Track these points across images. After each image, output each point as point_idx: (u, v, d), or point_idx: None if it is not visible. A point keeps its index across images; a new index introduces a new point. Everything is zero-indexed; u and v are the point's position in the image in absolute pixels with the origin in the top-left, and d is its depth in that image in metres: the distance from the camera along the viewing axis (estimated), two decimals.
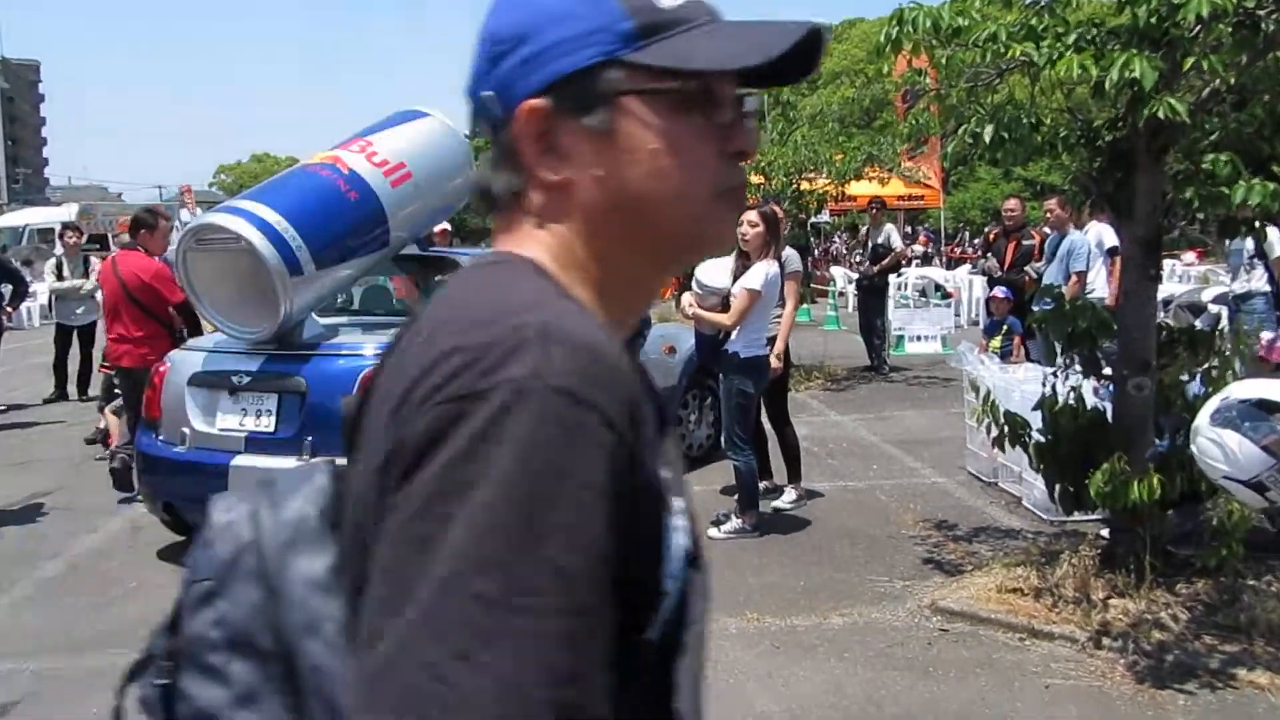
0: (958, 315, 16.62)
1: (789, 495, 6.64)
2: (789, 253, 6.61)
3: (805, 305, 15.54)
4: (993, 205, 35.63)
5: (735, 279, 6.01)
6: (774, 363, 6.22)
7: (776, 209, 6.45)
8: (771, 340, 6.28)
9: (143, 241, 7.30)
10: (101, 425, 8.41)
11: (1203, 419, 3.96)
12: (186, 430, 5.51)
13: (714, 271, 6.14)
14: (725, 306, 6.05)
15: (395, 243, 5.94)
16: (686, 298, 6.24)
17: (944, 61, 4.78)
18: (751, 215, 6.09)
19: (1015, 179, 37.24)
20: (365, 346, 5.35)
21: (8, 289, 9.77)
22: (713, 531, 6.04)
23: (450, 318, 0.82)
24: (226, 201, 5.72)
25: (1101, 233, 9.26)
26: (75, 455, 8.51)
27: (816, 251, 28.93)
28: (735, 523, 6.04)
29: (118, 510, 6.76)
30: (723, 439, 6.13)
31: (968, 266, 21.48)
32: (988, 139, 4.45)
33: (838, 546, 5.87)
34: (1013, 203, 10.70)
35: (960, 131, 4.66)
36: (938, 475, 7.44)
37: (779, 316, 6.37)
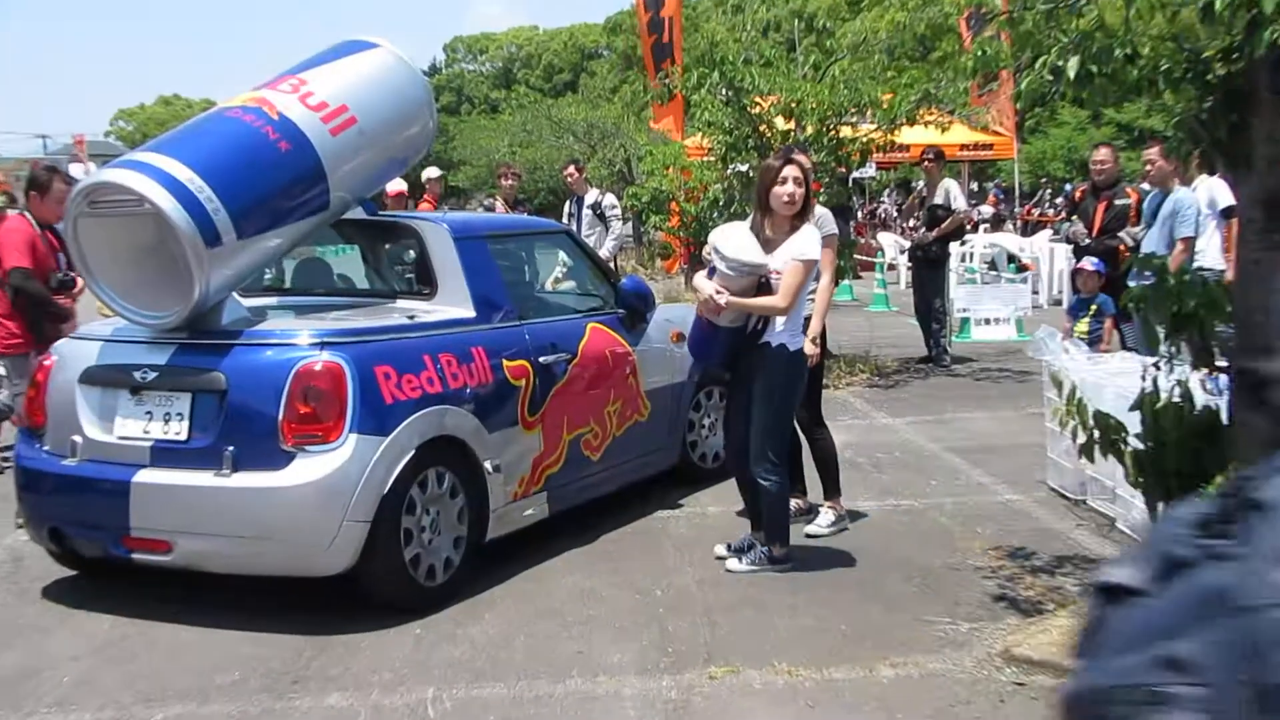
0: (1036, 293, 16.64)
1: (825, 517, 6.65)
2: (821, 212, 6.45)
3: (846, 280, 15.53)
4: (1078, 156, 35.61)
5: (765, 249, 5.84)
6: (809, 349, 6.03)
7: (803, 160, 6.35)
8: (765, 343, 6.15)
9: (32, 207, 7.30)
10: None
11: None
12: (77, 439, 5.51)
13: (741, 241, 5.76)
14: (758, 289, 5.75)
15: (336, 205, 5.94)
16: (700, 278, 5.88)
17: None
18: (795, 171, 5.80)
19: (1106, 123, 37.20)
20: (300, 334, 5.33)
21: None
22: (733, 564, 6.03)
23: None
24: (127, 154, 5.71)
25: (1213, 189, 9.24)
26: None
27: (860, 214, 29.00)
28: (760, 553, 6.03)
29: None
30: (751, 454, 5.90)
31: (1048, 232, 21.50)
32: (1071, 74, 4.43)
33: (888, 581, 5.87)
34: (1103, 153, 10.68)
35: (1038, 65, 4.64)
36: (1012, 492, 7.44)
37: (813, 293, 6.27)
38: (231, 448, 5.16)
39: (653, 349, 7.14)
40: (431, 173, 14.03)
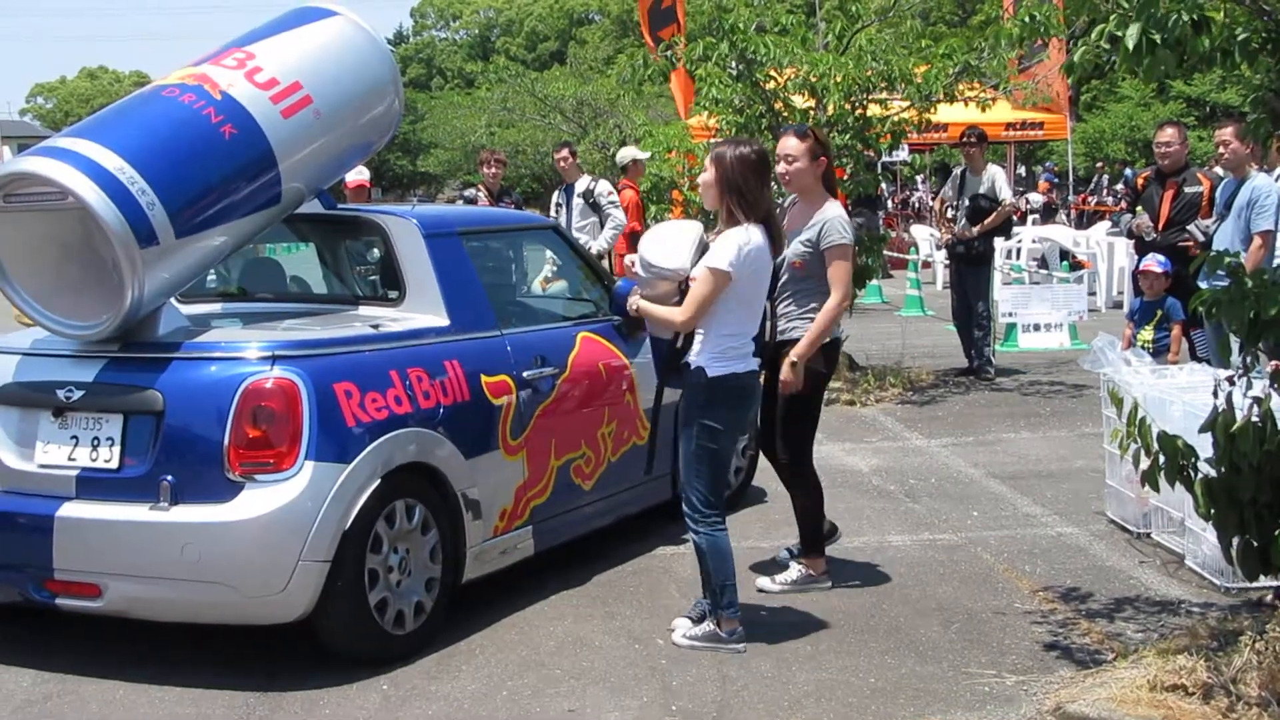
0: (1092, 295, 16.66)
1: (790, 573, 6.43)
2: (829, 212, 6.25)
3: (875, 281, 15.56)
4: (1141, 136, 35.66)
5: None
6: (786, 374, 5.99)
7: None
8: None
9: None
10: None
11: None
12: None
13: (666, 239, 5.74)
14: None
15: (289, 197, 5.96)
16: (632, 259, 5.88)
17: None
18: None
19: (1174, 97, 37.28)
20: (248, 347, 5.35)
21: None
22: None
23: None
24: (47, 140, 5.73)
25: None
26: None
27: (890, 204, 29.04)
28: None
29: None
30: (683, 503, 5.72)
31: (1106, 224, 21.53)
32: (1131, 44, 4.44)
33: (923, 627, 5.88)
34: (1169, 133, 10.67)
35: (1094, 34, 4.66)
36: (1064, 524, 7.47)
37: (814, 309, 6.19)
38: (170, 477, 5.16)
39: (651, 359, 7.14)
40: (633, 153, 13.90)
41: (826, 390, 11.08)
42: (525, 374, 6.22)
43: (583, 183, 13.11)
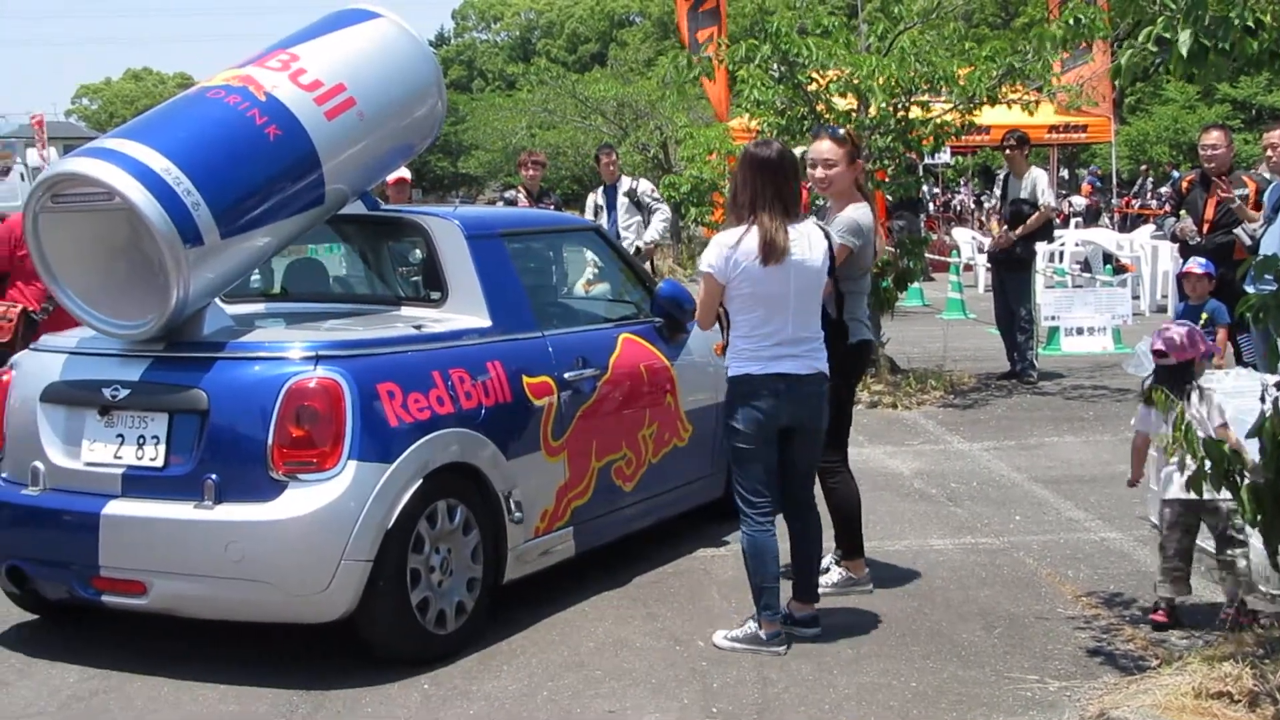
0: (1136, 298, 16.55)
1: (832, 575, 6.39)
2: (844, 213, 6.17)
3: (917, 284, 15.53)
4: (1186, 138, 35.41)
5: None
6: None
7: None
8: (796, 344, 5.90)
9: None
10: None
11: None
12: (39, 465, 5.57)
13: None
14: None
15: (333, 198, 5.99)
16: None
17: None
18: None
19: (1219, 100, 37.04)
20: (291, 347, 5.38)
21: None
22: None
23: None
24: (95, 141, 5.78)
25: None
26: None
27: (931, 207, 28.95)
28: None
29: None
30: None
31: (1150, 228, 21.39)
32: (1184, 49, 4.41)
33: (964, 631, 5.86)
34: (1215, 135, 10.60)
35: (1142, 37, 4.64)
36: (1108, 529, 7.43)
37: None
38: (214, 476, 5.21)
39: (694, 363, 7.16)
40: None
41: (868, 393, 11.11)
42: (567, 375, 6.23)
43: (625, 183, 13.15)
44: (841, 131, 6.34)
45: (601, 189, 13.39)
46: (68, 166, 5.51)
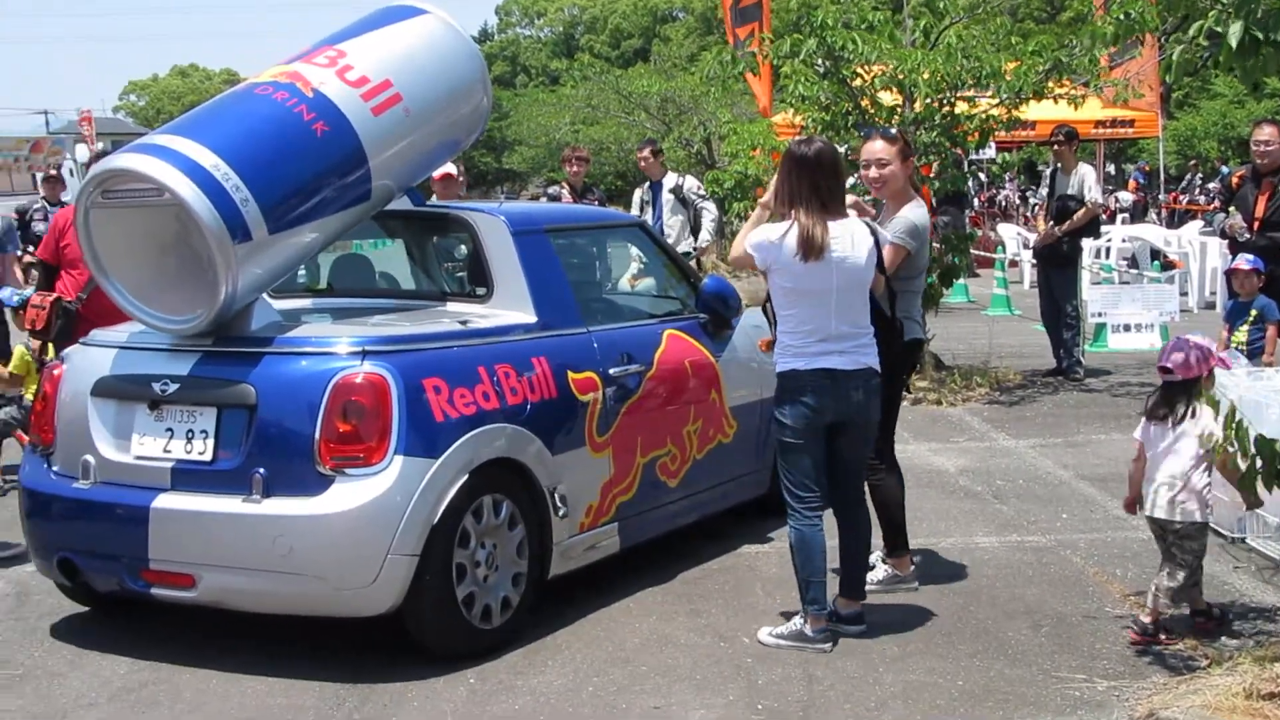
0: (1184, 295, 16.42)
1: (878, 572, 6.38)
2: (902, 213, 6.20)
3: (961, 280, 15.46)
4: (1235, 134, 35.08)
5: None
6: None
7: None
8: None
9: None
10: None
11: None
12: (89, 459, 5.62)
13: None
14: None
15: (379, 194, 6.01)
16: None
17: None
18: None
19: (1270, 95, 36.60)
20: (338, 342, 5.41)
21: None
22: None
23: None
24: (144, 137, 5.82)
25: None
26: None
27: (977, 202, 28.81)
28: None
29: None
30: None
31: (1198, 224, 21.23)
32: (1234, 42, 4.39)
33: (1011, 630, 5.83)
34: (1267, 131, 10.47)
35: (1192, 31, 4.60)
36: None
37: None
38: (262, 470, 5.25)
39: (738, 359, 7.15)
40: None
41: (912, 389, 11.06)
42: (612, 371, 6.24)
43: (670, 179, 13.08)
44: (893, 131, 6.33)
45: (647, 184, 13.35)
46: (118, 162, 5.55)
